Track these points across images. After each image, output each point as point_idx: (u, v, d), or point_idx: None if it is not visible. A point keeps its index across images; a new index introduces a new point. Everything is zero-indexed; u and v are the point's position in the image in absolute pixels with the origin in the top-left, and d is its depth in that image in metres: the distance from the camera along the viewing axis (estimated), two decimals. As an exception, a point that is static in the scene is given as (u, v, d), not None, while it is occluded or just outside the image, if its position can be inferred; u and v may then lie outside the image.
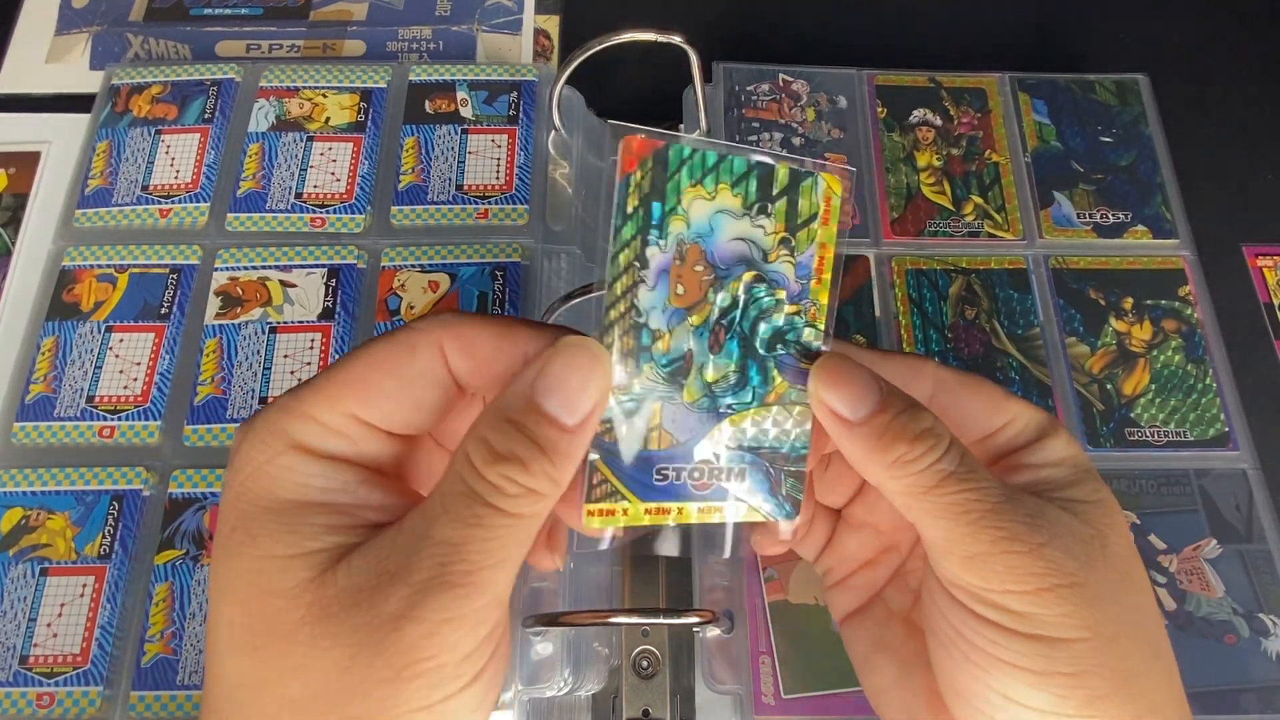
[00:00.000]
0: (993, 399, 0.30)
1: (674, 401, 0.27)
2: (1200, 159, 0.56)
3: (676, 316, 0.27)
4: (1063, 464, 0.29)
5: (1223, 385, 0.48)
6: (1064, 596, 0.25)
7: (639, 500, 0.27)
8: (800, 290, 0.27)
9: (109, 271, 0.48)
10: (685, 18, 0.60)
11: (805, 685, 0.41)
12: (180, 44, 0.58)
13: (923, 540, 0.28)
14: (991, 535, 0.26)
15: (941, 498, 0.26)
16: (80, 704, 0.39)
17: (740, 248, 0.27)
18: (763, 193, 0.26)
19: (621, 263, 0.26)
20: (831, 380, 0.27)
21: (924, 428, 0.26)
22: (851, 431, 0.27)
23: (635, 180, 0.25)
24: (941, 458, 0.26)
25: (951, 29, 0.61)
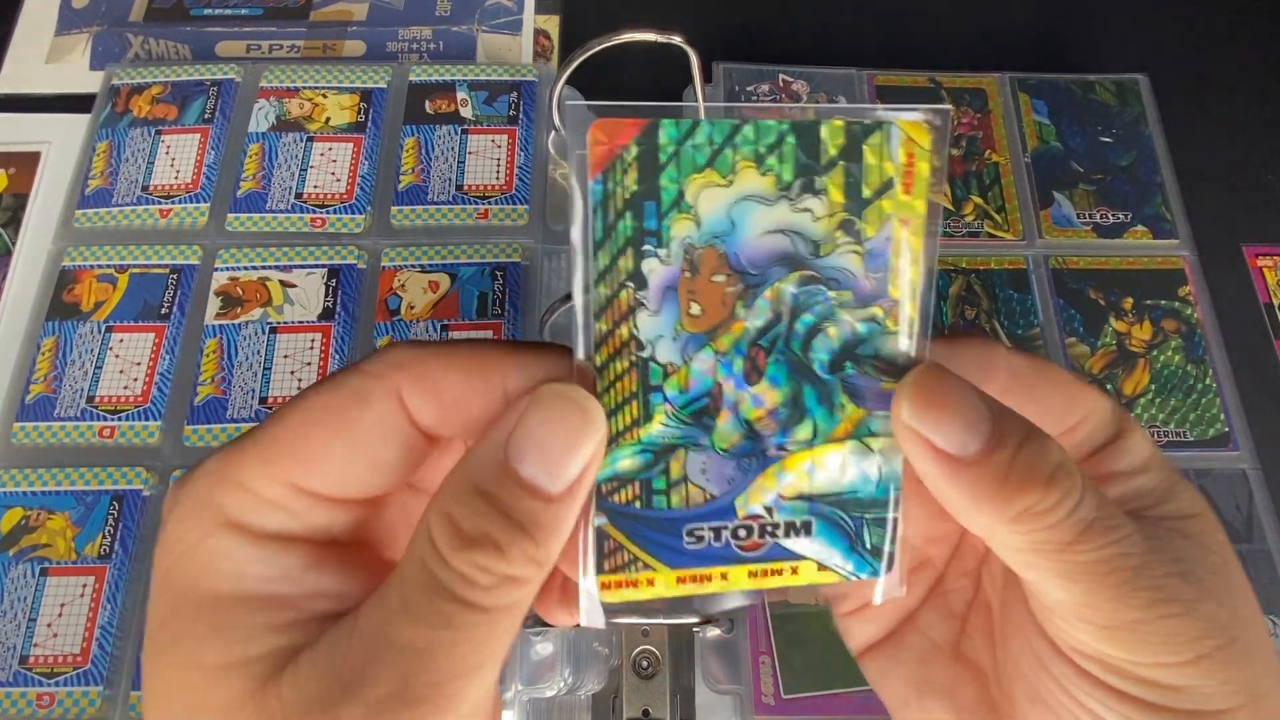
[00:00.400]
0: (1067, 390, 0.24)
1: (701, 449, 0.21)
2: (1200, 159, 0.56)
3: (694, 343, 0.21)
4: (1150, 468, 0.23)
5: (1223, 385, 0.48)
6: (1224, 660, 0.21)
7: (667, 568, 0.22)
8: (874, 287, 0.21)
9: (109, 271, 0.48)
10: (685, 18, 0.60)
11: (805, 685, 0.41)
12: (180, 44, 0.58)
13: (1033, 598, 0.22)
14: (1144, 598, 0.20)
15: (1080, 555, 0.20)
16: (80, 704, 0.39)
17: (777, 243, 0.21)
18: (806, 164, 0.20)
19: (610, 285, 0.20)
20: (927, 404, 0.21)
21: (1055, 465, 0.20)
22: (959, 474, 0.20)
23: (616, 178, 0.20)
24: (1079, 504, 0.20)
25: (951, 29, 0.61)
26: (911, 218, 0.21)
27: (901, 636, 0.27)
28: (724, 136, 0.20)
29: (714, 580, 0.22)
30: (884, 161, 0.20)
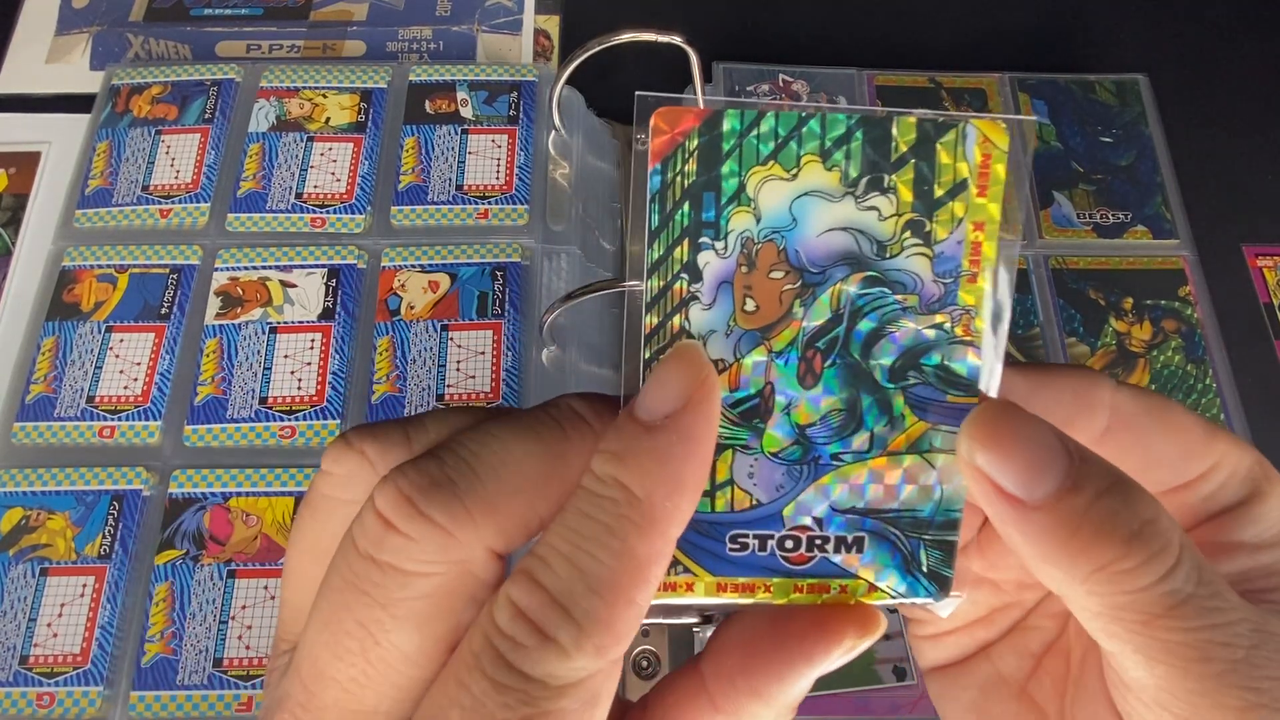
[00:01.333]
0: (1189, 437, 0.21)
1: (750, 451, 0.20)
2: (1200, 159, 0.56)
3: (748, 341, 0.20)
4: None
5: (1223, 385, 0.48)
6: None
7: (708, 574, 0.21)
8: (944, 293, 0.20)
9: (109, 271, 0.48)
10: (685, 18, 0.60)
11: (805, 685, 0.41)
12: (180, 44, 0.58)
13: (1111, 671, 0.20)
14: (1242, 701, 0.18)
15: (1169, 634, 0.18)
16: (80, 704, 0.39)
17: (841, 241, 0.19)
18: (875, 161, 0.19)
19: (663, 276, 0.19)
20: (992, 440, 0.19)
21: (1144, 520, 0.18)
22: (1026, 518, 0.18)
23: (676, 167, 0.19)
24: (1172, 571, 0.18)
25: (951, 29, 0.61)
26: (986, 221, 0.19)
27: (970, 664, 0.25)
28: (789, 129, 0.19)
29: (757, 591, 0.21)
30: (958, 161, 0.19)
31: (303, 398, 0.45)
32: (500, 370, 0.45)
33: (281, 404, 0.45)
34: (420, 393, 0.45)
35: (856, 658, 0.28)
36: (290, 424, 0.44)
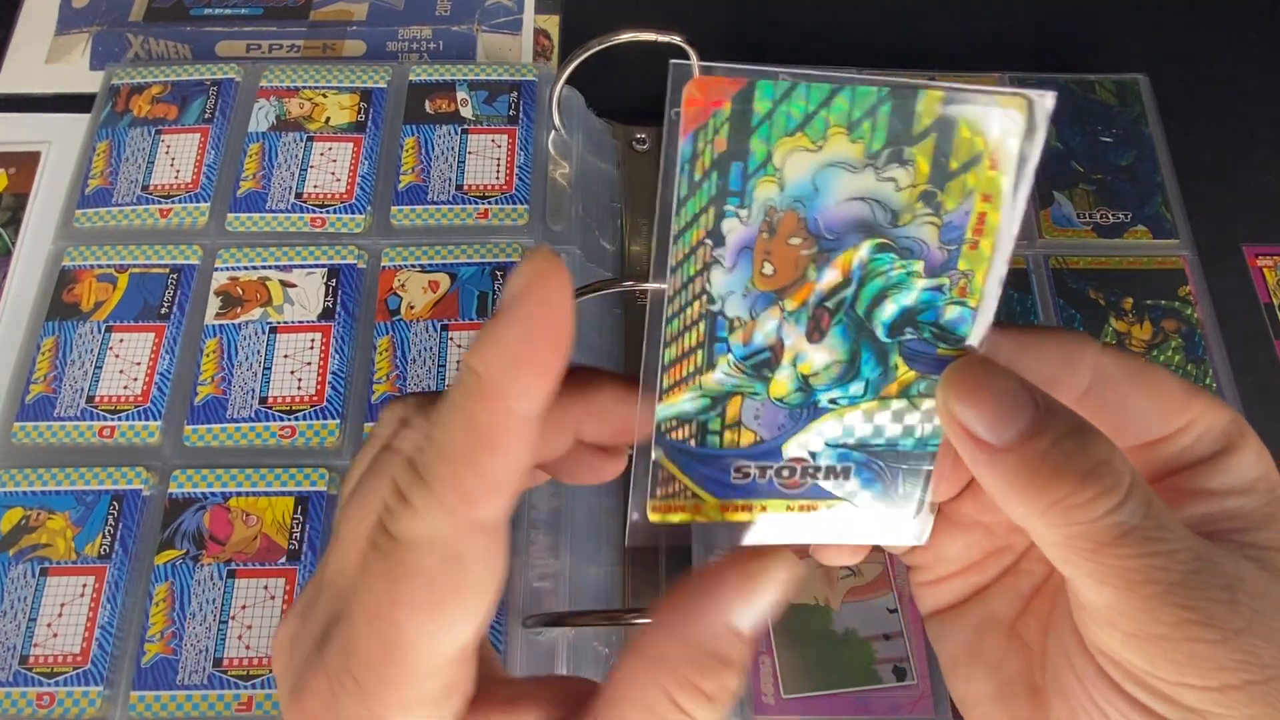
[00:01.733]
0: (1169, 397, 0.23)
1: (757, 396, 0.22)
2: (1200, 159, 0.56)
3: (763, 301, 0.21)
4: (1253, 490, 0.23)
5: (1223, 385, 0.48)
6: (1255, 695, 0.20)
7: (714, 498, 0.23)
8: (947, 259, 0.21)
9: (109, 271, 0.48)
10: (685, 18, 0.60)
11: (805, 685, 0.41)
12: (180, 44, 0.58)
13: (1072, 596, 0.23)
14: (1176, 616, 0.20)
15: (1115, 560, 0.20)
16: (80, 704, 0.39)
17: (858, 210, 0.20)
18: (898, 133, 0.20)
19: (688, 242, 0.21)
20: (966, 388, 0.21)
21: (1097, 461, 0.20)
22: (993, 459, 0.21)
23: (707, 137, 0.19)
24: (1119, 505, 0.20)
25: (951, 29, 0.61)
26: (994, 194, 0.20)
27: (965, 606, 0.28)
28: (820, 101, 0.19)
29: (754, 510, 0.24)
30: (975, 135, 0.20)
31: (303, 398, 0.45)
32: (500, 370, 0.45)
33: (281, 404, 0.45)
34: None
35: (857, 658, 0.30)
36: (290, 424, 0.44)
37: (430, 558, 0.20)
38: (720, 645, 0.21)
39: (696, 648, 0.21)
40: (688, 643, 0.22)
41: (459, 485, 0.20)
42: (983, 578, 0.28)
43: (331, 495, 0.43)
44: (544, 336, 0.19)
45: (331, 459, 0.44)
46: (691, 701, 0.21)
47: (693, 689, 0.21)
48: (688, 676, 0.21)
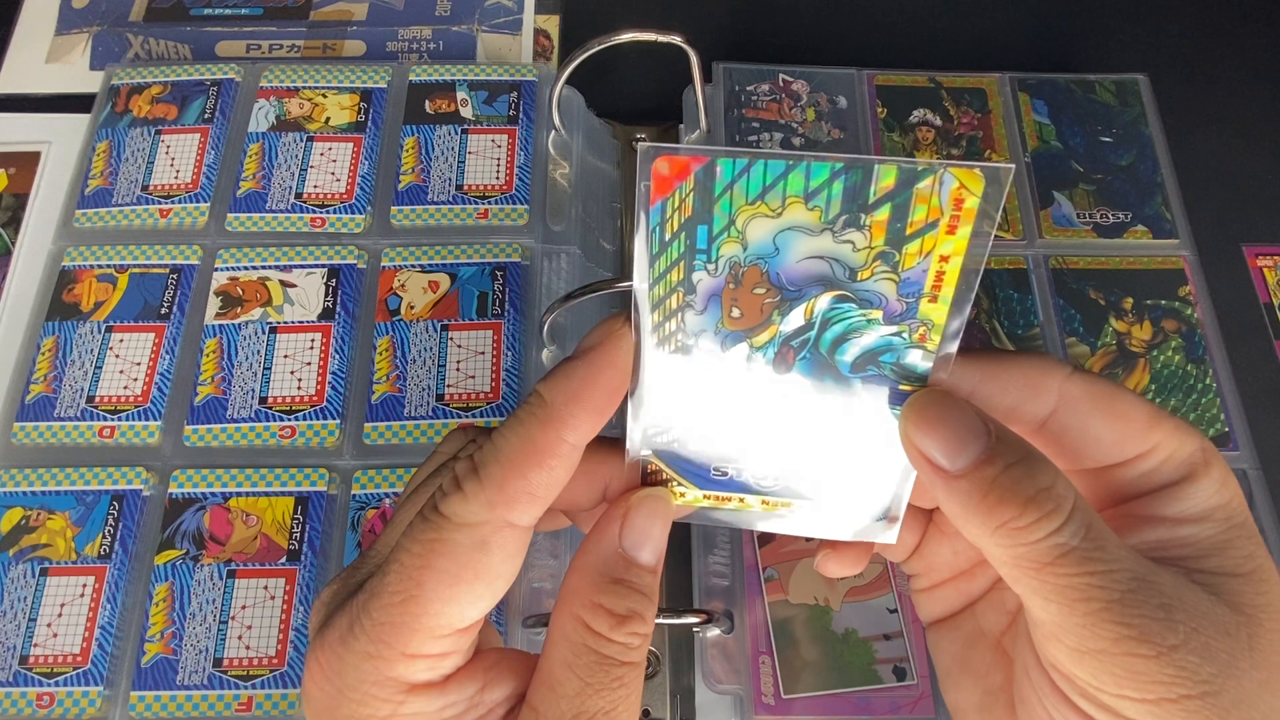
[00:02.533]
0: (1133, 423, 0.24)
1: None
2: (1200, 159, 0.56)
3: (732, 339, 0.24)
4: (1209, 518, 0.24)
5: (1223, 385, 0.48)
6: (1191, 709, 0.21)
7: (696, 489, 0.27)
8: (905, 309, 0.23)
9: (109, 271, 0.48)
10: (685, 18, 0.60)
11: (805, 685, 0.41)
12: (180, 44, 0.58)
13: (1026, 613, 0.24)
14: (1114, 632, 0.21)
15: (1055, 578, 0.22)
16: (80, 704, 0.39)
17: (817, 267, 0.22)
18: (853, 202, 0.21)
19: (660, 291, 0.23)
20: (925, 420, 0.23)
21: (1040, 488, 0.22)
22: (949, 484, 0.23)
23: (672, 206, 0.21)
24: (1060, 528, 0.22)
25: (951, 29, 0.61)
26: (953, 255, 0.22)
27: (959, 618, 0.30)
28: (776, 175, 0.21)
29: (733, 500, 0.27)
30: (931, 203, 0.21)
31: (303, 398, 0.45)
32: (500, 370, 0.45)
33: (281, 404, 0.45)
34: (420, 393, 0.45)
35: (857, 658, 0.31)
36: (290, 424, 0.44)
37: (464, 538, 0.24)
38: (614, 569, 0.25)
39: (594, 574, 0.25)
40: (588, 572, 0.25)
41: (505, 487, 0.24)
42: (974, 587, 0.30)
43: (331, 495, 0.43)
44: (604, 386, 0.24)
45: (331, 459, 0.44)
46: (599, 621, 0.24)
47: (596, 608, 0.24)
48: (590, 598, 0.24)
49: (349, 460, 0.44)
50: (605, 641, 0.24)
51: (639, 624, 0.24)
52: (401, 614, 0.23)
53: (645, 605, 0.25)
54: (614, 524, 0.25)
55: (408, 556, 0.24)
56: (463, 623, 0.24)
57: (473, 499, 0.24)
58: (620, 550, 0.25)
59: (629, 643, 0.24)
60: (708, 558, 0.43)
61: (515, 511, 0.24)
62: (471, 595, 0.24)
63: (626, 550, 0.25)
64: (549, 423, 0.24)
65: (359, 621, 0.24)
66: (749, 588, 0.43)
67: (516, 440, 0.24)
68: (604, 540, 0.25)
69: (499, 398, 0.44)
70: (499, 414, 0.44)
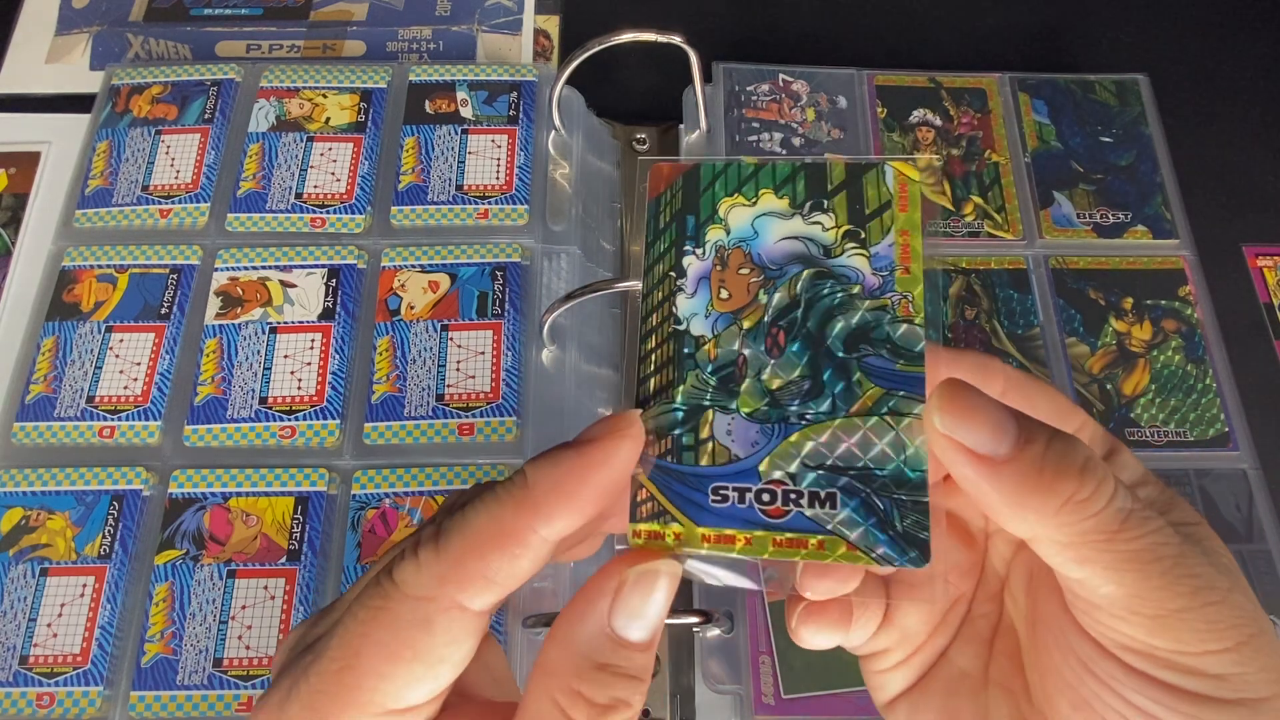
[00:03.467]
0: (1061, 403, 0.26)
1: (728, 411, 0.24)
2: (1200, 159, 0.56)
3: (723, 321, 0.24)
4: (1147, 482, 0.25)
5: (1223, 385, 0.48)
6: (1260, 647, 0.22)
7: (693, 523, 0.23)
8: (882, 284, 0.24)
9: (109, 271, 0.48)
10: (685, 18, 0.60)
11: (805, 685, 0.41)
12: (180, 44, 0.58)
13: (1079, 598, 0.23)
14: (1189, 585, 0.21)
15: (1126, 544, 0.21)
16: (80, 704, 0.39)
17: (793, 246, 0.24)
18: (814, 190, 0.25)
19: (656, 275, 0.25)
20: (956, 412, 0.22)
21: (1085, 456, 0.21)
22: (997, 473, 0.21)
23: (666, 199, 0.25)
24: (1115, 493, 0.21)
25: (951, 29, 0.61)
26: (910, 228, 0.24)
27: (933, 673, 0.27)
28: (750, 172, 0.25)
29: (737, 543, 0.23)
30: (882, 188, 0.24)
31: (303, 398, 0.45)
32: (500, 370, 0.45)
33: (281, 404, 0.45)
34: (420, 393, 0.45)
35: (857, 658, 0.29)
36: (290, 424, 0.44)
37: (407, 612, 0.22)
38: (601, 653, 0.22)
39: (577, 656, 0.22)
40: (569, 651, 0.22)
41: (461, 564, 0.21)
42: (944, 638, 0.28)
43: (331, 495, 0.43)
44: (593, 484, 0.22)
45: (331, 459, 0.44)
46: (580, 711, 0.21)
47: (577, 698, 0.22)
48: (571, 685, 0.22)
49: (349, 460, 0.44)
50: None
51: (623, 712, 0.22)
52: (336, 684, 0.22)
53: (633, 690, 0.22)
54: (604, 597, 0.22)
55: (353, 622, 0.22)
56: (398, 704, 0.22)
57: (425, 570, 0.22)
58: (608, 629, 0.22)
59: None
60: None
61: (467, 594, 0.21)
62: (409, 676, 0.22)
63: (616, 629, 0.22)
64: (523, 508, 0.21)
65: (297, 686, 0.22)
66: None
67: (486, 518, 0.22)
68: (591, 615, 0.22)
69: (499, 398, 0.44)
70: (499, 414, 0.44)
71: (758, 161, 0.25)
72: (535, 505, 0.22)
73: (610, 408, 0.48)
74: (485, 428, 0.44)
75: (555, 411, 0.45)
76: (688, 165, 0.25)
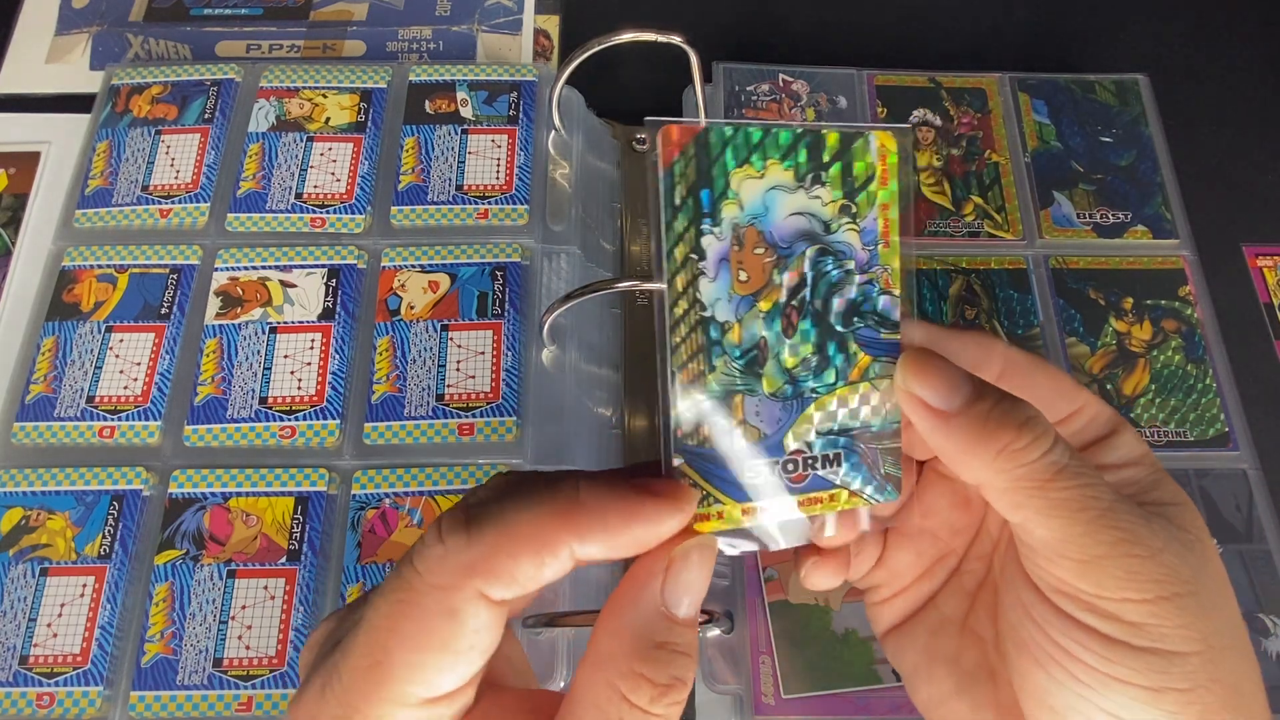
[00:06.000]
0: (1062, 385, 0.28)
1: (754, 393, 0.26)
2: (1200, 159, 0.56)
3: (744, 305, 0.25)
4: (1141, 462, 0.27)
5: (1223, 385, 0.48)
6: (1183, 606, 0.24)
7: (734, 502, 0.26)
8: (869, 257, 0.26)
9: (109, 271, 0.48)
10: (685, 18, 0.60)
11: (805, 685, 0.41)
12: (180, 44, 0.58)
13: (1023, 543, 0.26)
14: (1112, 535, 0.24)
15: (1057, 492, 0.24)
16: (80, 704, 0.39)
17: (799, 223, 0.26)
18: (814, 161, 0.25)
19: (678, 257, 0.25)
20: (919, 372, 0.25)
21: (1027, 416, 0.25)
22: (948, 423, 0.25)
23: (679, 170, 0.24)
24: (1051, 448, 0.24)
25: (951, 29, 0.61)
26: (889, 202, 0.26)
27: (919, 615, 0.31)
28: (758, 139, 0.25)
29: (770, 510, 0.26)
30: (865, 159, 0.26)
31: (303, 398, 0.45)
32: (500, 370, 0.45)
33: (281, 404, 0.45)
34: (420, 393, 0.45)
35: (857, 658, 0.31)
36: (290, 424, 0.44)
37: (433, 603, 0.22)
38: (658, 632, 0.23)
39: (634, 638, 0.23)
40: (625, 635, 0.23)
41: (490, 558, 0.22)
42: (932, 585, 0.31)
43: (331, 495, 0.43)
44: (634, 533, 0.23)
45: (331, 459, 0.44)
46: (640, 694, 0.22)
47: (639, 679, 0.22)
48: (632, 668, 0.22)
49: (349, 460, 0.44)
50: (643, 715, 0.22)
51: (680, 691, 0.23)
52: (365, 681, 0.22)
53: (688, 669, 0.23)
54: (655, 578, 0.23)
55: (376, 616, 0.22)
56: (431, 693, 0.22)
57: (451, 557, 0.22)
58: (662, 608, 0.23)
59: (668, 715, 0.22)
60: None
61: (492, 586, 0.22)
62: (439, 665, 0.22)
63: (669, 606, 0.23)
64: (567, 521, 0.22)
65: (330, 684, 0.22)
66: (749, 588, 0.43)
67: (528, 518, 0.22)
68: (644, 597, 0.23)
69: (499, 398, 0.44)
70: (499, 414, 0.44)
71: (763, 127, 0.25)
72: (578, 523, 0.22)
73: (610, 408, 0.48)
74: (485, 428, 0.44)
75: (555, 411, 0.45)
76: (697, 129, 0.24)
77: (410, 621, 0.22)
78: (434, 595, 0.22)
